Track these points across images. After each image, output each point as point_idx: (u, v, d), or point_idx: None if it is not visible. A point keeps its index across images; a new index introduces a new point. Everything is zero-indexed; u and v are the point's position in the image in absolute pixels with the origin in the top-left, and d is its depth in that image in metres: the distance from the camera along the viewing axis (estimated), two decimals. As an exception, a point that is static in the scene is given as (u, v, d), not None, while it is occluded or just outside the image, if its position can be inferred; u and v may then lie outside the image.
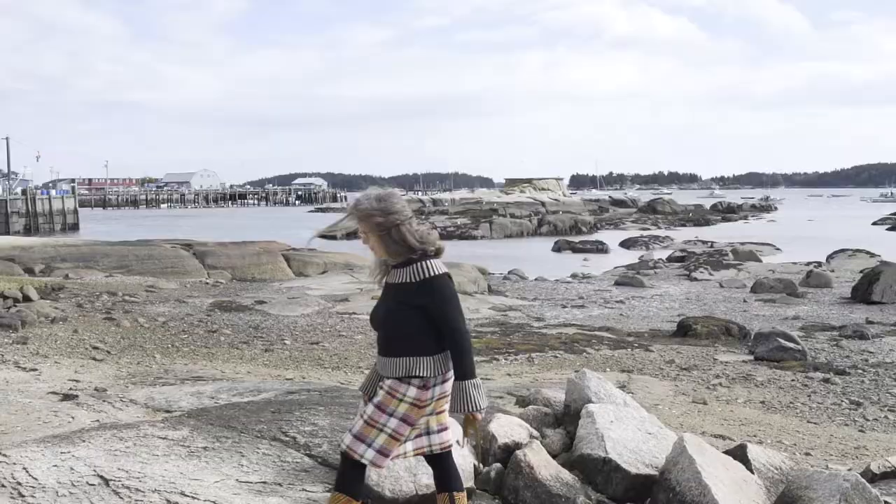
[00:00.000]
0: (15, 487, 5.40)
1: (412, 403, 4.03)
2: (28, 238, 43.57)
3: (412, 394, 4.02)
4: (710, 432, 9.04)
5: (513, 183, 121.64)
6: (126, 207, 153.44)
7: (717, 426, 9.64)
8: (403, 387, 4.05)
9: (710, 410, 10.58)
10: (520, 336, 16.77)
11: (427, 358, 4.02)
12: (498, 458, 5.56)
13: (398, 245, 4.08)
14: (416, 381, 4.03)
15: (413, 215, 4.10)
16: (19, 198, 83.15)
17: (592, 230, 73.28)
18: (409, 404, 4.03)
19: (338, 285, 25.44)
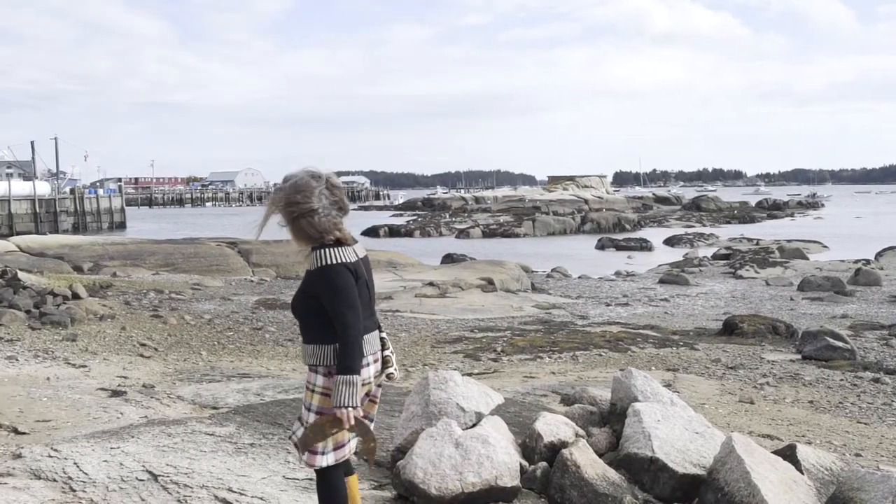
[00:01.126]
0: (66, 482, 5.49)
1: (322, 393, 3.93)
2: (76, 236, 44.14)
3: (320, 382, 3.94)
4: (758, 432, 8.93)
5: (556, 180, 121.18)
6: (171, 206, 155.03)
7: (764, 426, 9.52)
8: (313, 376, 3.99)
9: (757, 410, 10.45)
10: (564, 334, 16.69)
11: (329, 346, 3.91)
12: (544, 456, 5.54)
13: (301, 232, 4.01)
14: (321, 369, 3.95)
15: (321, 207, 3.92)
16: (68, 197, 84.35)
17: (636, 228, 72.80)
18: (319, 395, 3.95)
19: (381, 283, 25.47)
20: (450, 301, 21.96)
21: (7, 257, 27.04)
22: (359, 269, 3.96)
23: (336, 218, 3.95)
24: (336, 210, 3.94)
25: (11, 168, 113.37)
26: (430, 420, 5.57)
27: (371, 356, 3.99)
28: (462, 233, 66.30)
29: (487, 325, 18.16)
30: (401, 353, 14.63)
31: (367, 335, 3.97)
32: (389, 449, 5.98)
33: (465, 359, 14.17)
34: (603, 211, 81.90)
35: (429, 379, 5.91)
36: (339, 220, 3.96)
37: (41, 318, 15.90)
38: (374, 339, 4.04)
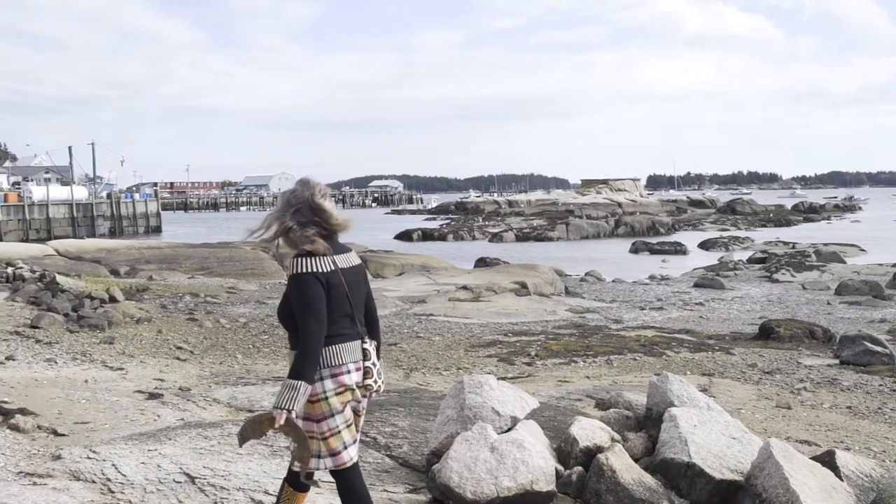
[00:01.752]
0: (105, 483, 5.55)
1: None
2: (113, 240, 44.63)
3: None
4: (796, 438, 8.85)
5: (589, 184, 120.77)
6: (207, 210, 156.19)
7: (802, 431, 9.44)
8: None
9: (794, 415, 10.36)
10: (598, 338, 16.63)
11: None
12: (579, 461, 5.52)
13: (286, 241, 4.15)
14: None
15: (296, 224, 4.09)
16: (104, 201, 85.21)
17: (670, 231, 72.34)
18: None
19: (414, 287, 25.54)
20: (483, 305, 21.95)
21: (46, 261, 27.37)
22: (333, 278, 4.05)
23: (308, 232, 4.06)
24: (314, 227, 4.07)
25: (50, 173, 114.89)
26: (466, 424, 5.57)
27: (352, 364, 4.07)
28: (495, 236, 66.23)
29: (521, 329, 18.13)
30: (434, 357, 14.64)
31: (346, 343, 4.07)
32: (424, 453, 5.99)
33: (499, 363, 14.16)
34: (637, 214, 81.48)
35: (464, 383, 5.91)
36: (313, 234, 4.06)
37: (79, 321, 16.07)
38: (353, 348, 4.11)
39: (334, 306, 4.04)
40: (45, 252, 30.99)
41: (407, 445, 6.42)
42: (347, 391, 4.04)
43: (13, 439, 7.25)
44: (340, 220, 4.18)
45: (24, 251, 31.13)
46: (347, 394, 4.05)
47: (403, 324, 18.54)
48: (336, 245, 4.17)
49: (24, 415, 8.02)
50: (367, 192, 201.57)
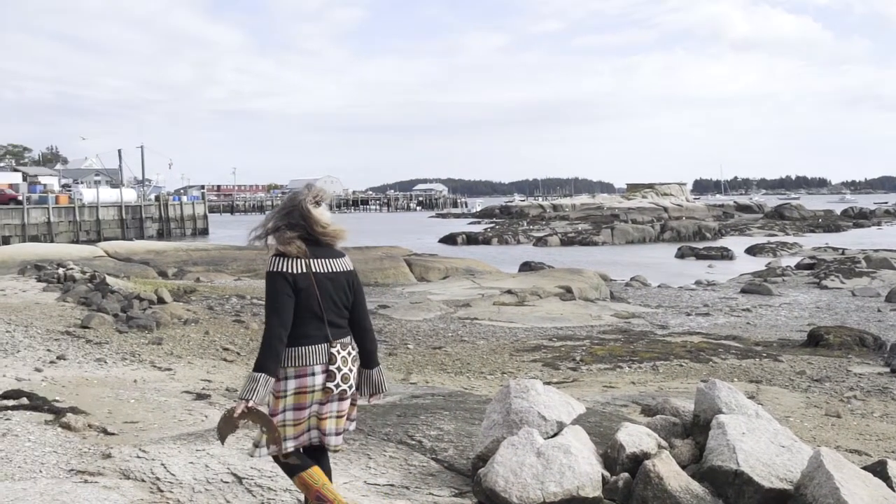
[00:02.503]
0: (154, 482, 5.61)
1: (272, 393, 4.21)
2: (161, 242, 45.17)
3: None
4: (845, 447, 8.73)
5: (635, 188, 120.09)
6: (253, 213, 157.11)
7: (852, 441, 9.31)
8: None
9: (844, 424, 10.22)
10: (643, 344, 16.53)
11: None
12: (626, 467, 5.48)
13: (275, 241, 4.37)
14: None
15: (280, 227, 4.32)
16: (153, 204, 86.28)
17: (717, 236, 71.61)
18: (270, 394, 4.23)
19: (459, 290, 25.56)
20: (528, 309, 21.91)
21: (95, 262, 27.79)
22: (301, 280, 4.23)
23: (287, 234, 4.27)
24: (298, 230, 4.28)
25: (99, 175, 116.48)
26: (511, 429, 5.55)
27: (318, 367, 4.25)
28: (540, 241, 66.04)
29: (566, 334, 18.07)
30: (479, 361, 14.64)
31: (311, 346, 4.26)
32: (470, 457, 5.99)
33: (544, 367, 14.12)
34: (683, 219, 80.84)
35: (510, 387, 5.90)
36: (291, 237, 4.26)
37: (128, 321, 16.28)
38: (317, 351, 4.26)
39: (302, 308, 4.23)
40: (94, 253, 31.48)
41: (452, 449, 6.42)
42: (308, 393, 4.23)
43: (64, 437, 7.37)
44: (327, 229, 4.34)
45: (75, 252, 31.65)
46: (308, 395, 4.24)
47: (448, 327, 18.57)
48: (322, 250, 4.34)
49: (75, 413, 8.15)
50: (411, 195, 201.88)
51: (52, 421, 7.91)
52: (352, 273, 4.47)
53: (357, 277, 4.52)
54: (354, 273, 4.50)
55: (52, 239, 66.19)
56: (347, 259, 4.49)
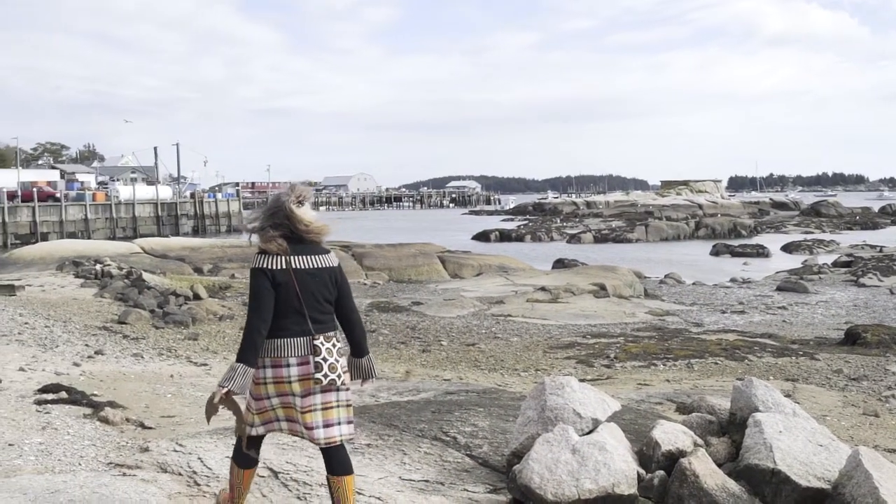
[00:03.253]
0: (191, 476, 5.66)
1: (254, 380, 4.44)
2: (196, 239, 45.49)
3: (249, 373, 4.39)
4: (884, 446, 8.64)
5: (669, 185, 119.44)
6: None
7: (890, 440, 9.21)
8: None
9: (882, 423, 10.11)
10: (678, 341, 16.43)
11: None
12: (661, 465, 5.46)
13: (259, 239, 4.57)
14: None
15: (263, 226, 4.52)
16: (188, 201, 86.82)
17: (752, 233, 71.01)
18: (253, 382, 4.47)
19: (493, 287, 25.54)
20: (562, 306, 21.86)
21: (132, 258, 28.05)
22: (281, 276, 4.41)
23: (270, 233, 4.47)
24: (282, 229, 4.47)
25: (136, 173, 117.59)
26: (546, 425, 5.55)
27: (293, 359, 4.40)
28: (573, 238, 65.83)
29: (600, 331, 18.01)
30: (512, 358, 14.63)
31: (289, 339, 4.42)
32: (505, 453, 5.99)
33: (578, 364, 14.09)
34: (718, 216, 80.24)
35: (545, 384, 5.89)
36: (272, 235, 4.45)
37: (164, 317, 16.44)
38: (294, 344, 4.42)
39: (282, 302, 4.40)
40: (131, 250, 31.78)
41: (487, 446, 6.42)
42: (284, 383, 4.41)
43: (103, 431, 7.45)
44: (310, 227, 4.51)
45: (112, 249, 31.97)
46: (284, 385, 4.41)
47: (481, 324, 18.56)
48: (305, 247, 4.50)
49: (113, 407, 8.24)
50: (444, 192, 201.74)
51: (90, 415, 8.00)
52: (335, 269, 4.60)
53: (342, 273, 4.66)
54: (338, 269, 4.63)
55: (90, 235, 66.90)
56: (332, 255, 4.63)
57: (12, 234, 64.55)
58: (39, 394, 8.88)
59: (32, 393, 8.94)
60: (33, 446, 6.78)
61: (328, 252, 4.62)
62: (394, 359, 14.37)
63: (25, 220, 67.39)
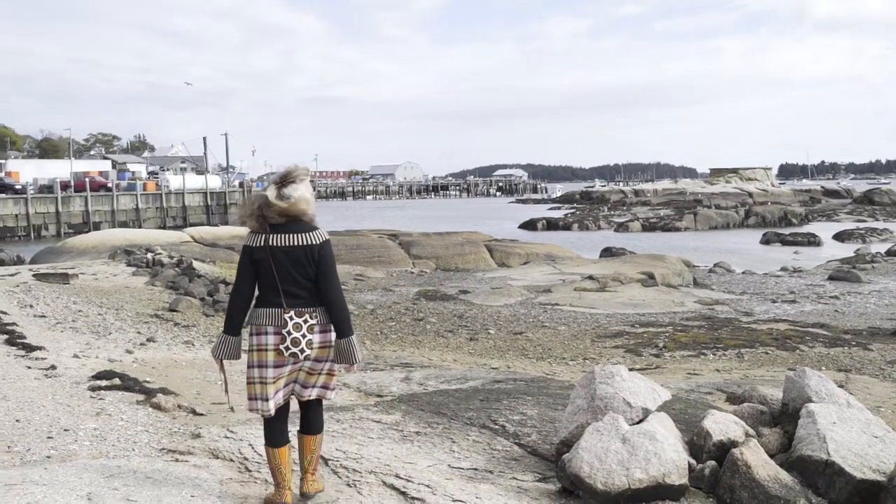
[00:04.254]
0: (242, 462, 5.72)
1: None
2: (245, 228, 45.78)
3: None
4: (940, 438, 8.48)
5: (718, 173, 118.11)
6: (334, 199, 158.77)
7: (946, 431, 9.03)
8: None
9: (938, 415, 9.92)
10: (728, 331, 16.27)
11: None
12: (712, 455, 5.41)
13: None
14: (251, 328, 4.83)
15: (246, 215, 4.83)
16: (237, 190, 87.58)
17: (803, 222, 70.05)
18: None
19: (540, 276, 25.47)
20: (609, 295, 21.74)
21: (182, 247, 28.35)
22: (257, 253, 4.72)
23: (251, 222, 4.78)
24: (258, 219, 4.74)
25: (185, 163, 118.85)
26: (596, 414, 5.52)
27: (271, 328, 4.66)
28: (621, 226, 65.45)
29: (648, 320, 17.90)
30: (560, 347, 14.58)
31: (266, 308, 4.70)
32: (554, 442, 5.97)
33: (626, 354, 14.01)
34: (768, 204, 79.24)
35: (595, 373, 5.86)
36: (251, 215, 4.77)
37: (214, 305, 16.62)
38: (273, 314, 4.67)
39: (262, 277, 4.72)
40: (181, 239, 32.13)
41: (536, 434, 6.41)
42: (263, 351, 4.67)
43: (155, 417, 7.56)
44: (274, 207, 4.72)
45: (163, 238, 32.35)
46: (264, 353, 4.67)
47: (529, 313, 18.52)
48: (285, 227, 4.73)
49: (164, 394, 8.35)
50: (491, 181, 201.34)
51: (143, 401, 8.12)
52: (313, 247, 4.75)
53: (323, 251, 4.78)
54: (318, 247, 4.76)
55: (141, 225, 67.79)
56: (316, 234, 4.80)
57: (66, 224, 65.68)
58: (93, 380, 9.03)
59: (87, 379, 9.09)
60: (88, 432, 6.90)
61: (312, 231, 4.81)
62: (441, 347, 14.39)
63: (78, 209, 68.50)
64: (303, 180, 4.83)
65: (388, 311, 17.81)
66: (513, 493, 5.23)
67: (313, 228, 4.81)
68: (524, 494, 5.24)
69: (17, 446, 6.42)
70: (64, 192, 68.83)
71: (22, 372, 9.45)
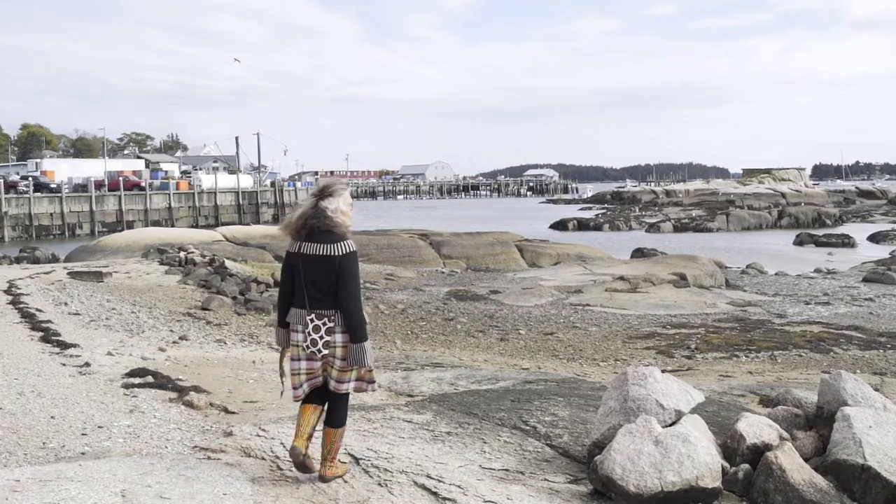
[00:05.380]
0: (273, 461, 5.74)
1: None
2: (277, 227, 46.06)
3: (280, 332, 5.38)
4: (978, 442, 8.36)
5: (751, 173, 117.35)
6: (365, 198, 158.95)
7: (984, 436, 8.90)
8: None
9: (975, 419, 9.78)
10: (760, 333, 16.13)
11: None
12: (746, 458, 5.36)
13: None
14: None
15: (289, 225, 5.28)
16: (268, 189, 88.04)
17: (837, 223, 69.37)
18: None
19: (571, 276, 25.39)
20: (640, 296, 21.63)
21: (215, 246, 28.53)
22: (290, 258, 5.24)
23: (287, 231, 5.26)
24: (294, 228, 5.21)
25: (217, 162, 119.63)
26: (629, 416, 5.49)
27: (299, 326, 5.15)
28: (652, 227, 65.10)
29: (680, 322, 17.79)
30: (591, 348, 14.53)
31: (294, 309, 5.19)
32: (585, 443, 5.94)
33: (658, 355, 13.93)
34: (801, 205, 78.54)
35: (628, 374, 5.83)
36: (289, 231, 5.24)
37: (246, 304, 16.70)
38: (299, 315, 5.15)
39: (294, 280, 5.20)
40: (214, 238, 32.33)
41: (567, 435, 6.39)
42: (296, 346, 5.17)
43: (188, 415, 7.61)
44: (308, 218, 5.18)
45: (195, 237, 32.57)
46: (296, 348, 5.18)
47: (559, 313, 18.47)
48: (317, 235, 5.15)
49: (197, 392, 8.41)
50: (521, 181, 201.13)
51: (175, 399, 8.18)
52: (334, 258, 5.10)
53: (344, 262, 5.11)
54: (339, 258, 5.11)
55: (173, 223, 68.34)
56: (339, 245, 5.14)
57: (99, 222, 66.33)
58: (127, 377, 9.11)
59: (120, 377, 9.17)
60: (122, 429, 6.95)
61: (338, 242, 5.15)
62: (472, 347, 14.38)
63: (112, 208, 69.15)
64: (340, 194, 5.26)
65: (418, 311, 17.82)
66: (544, 495, 5.21)
67: (340, 240, 5.16)
68: (556, 496, 5.22)
69: (52, 442, 6.49)
70: (98, 191, 69.55)
71: (57, 369, 9.54)
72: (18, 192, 65.01)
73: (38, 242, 50.63)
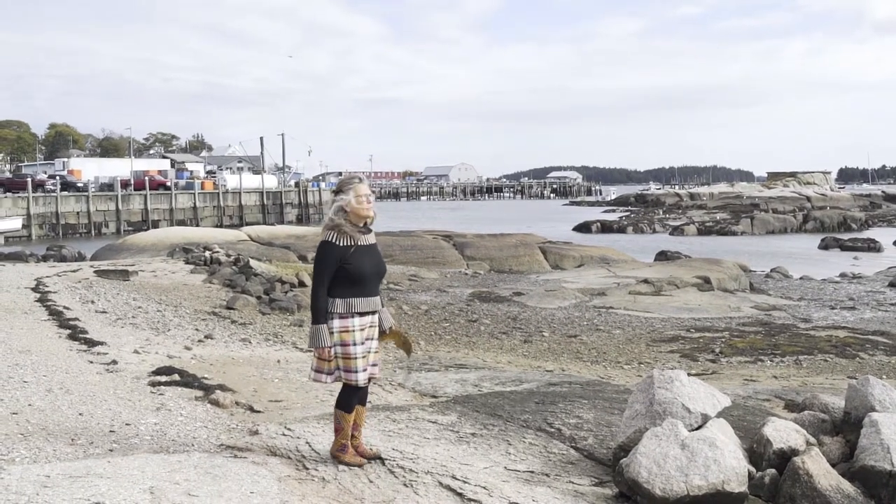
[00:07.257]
0: (300, 460, 5.76)
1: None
2: (300, 227, 46.27)
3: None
4: None
5: (775, 177, 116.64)
6: (389, 200, 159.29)
7: None
8: None
9: None
10: (785, 337, 16.05)
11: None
12: (772, 463, 5.34)
13: None
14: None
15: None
16: (292, 190, 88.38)
17: (863, 227, 68.90)
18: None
19: (594, 279, 25.33)
20: (664, 299, 21.56)
21: (239, 246, 28.69)
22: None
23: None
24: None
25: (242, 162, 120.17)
26: (654, 419, 5.48)
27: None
28: (676, 230, 64.86)
29: (704, 325, 17.72)
30: (615, 351, 14.50)
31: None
32: (611, 446, 5.94)
33: (682, 358, 13.89)
34: (827, 209, 78.05)
35: (654, 377, 5.81)
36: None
37: (270, 303, 16.77)
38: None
39: None
40: (238, 237, 32.51)
41: (592, 438, 6.38)
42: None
43: (214, 413, 7.66)
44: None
45: (220, 236, 32.77)
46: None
47: (583, 316, 18.44)
48: None
49: (223, 391, 8.46)
50: (545, 182, 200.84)
51: (201, 397, 8.23)
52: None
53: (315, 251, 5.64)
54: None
55: (198, 223, 68.73)
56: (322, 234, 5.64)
57: (125, 221, 66.83)
58: (153, 376, 9.17)
59: (147, 375, 9.24)
60: (149, 426, 7.01)
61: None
62: (495, 349, 14.38)
63: (138, 207, 69.64)
64: (348, 190, 5.72)
65: (441, 312, 17.84)
66: (569, 497, 5.21)
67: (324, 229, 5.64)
68: (581, 498, 5.22)
69: (81, 439, 6.55)
70: (124, 190, 70.07)
71: (84, 366, 9.63)
72: (46, 190, 65.63)
73: (65, 241, 51.09)
